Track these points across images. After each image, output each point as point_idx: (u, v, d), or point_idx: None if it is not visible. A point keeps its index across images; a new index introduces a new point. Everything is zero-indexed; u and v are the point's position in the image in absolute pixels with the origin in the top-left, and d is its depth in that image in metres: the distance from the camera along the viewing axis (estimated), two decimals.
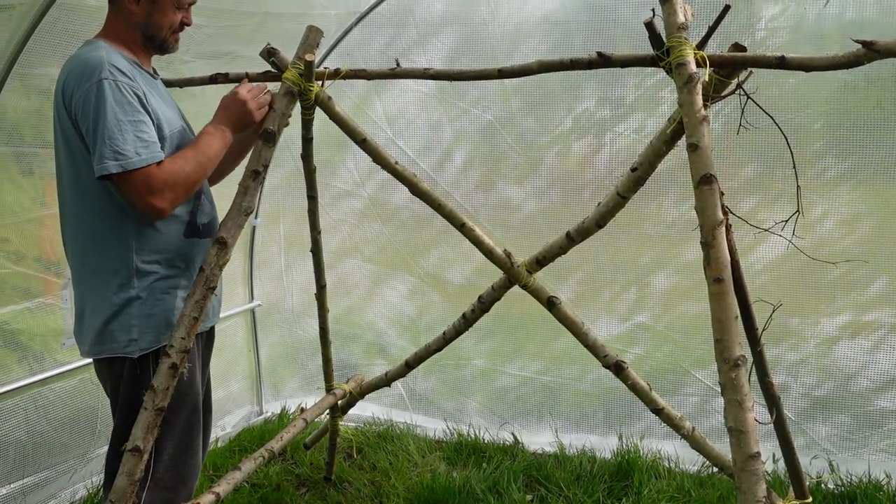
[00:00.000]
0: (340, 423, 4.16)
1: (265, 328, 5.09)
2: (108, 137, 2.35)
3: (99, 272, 2.57)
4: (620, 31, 4.07)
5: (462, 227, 3.01)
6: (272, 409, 5.14)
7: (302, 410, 4.24)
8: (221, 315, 4.53)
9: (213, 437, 4.54)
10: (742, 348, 2.18)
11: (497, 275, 3.17)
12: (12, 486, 3.56)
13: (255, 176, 2.71)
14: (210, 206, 2.82)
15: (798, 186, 2.41)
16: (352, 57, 4.32)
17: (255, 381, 5.10)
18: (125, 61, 2.53)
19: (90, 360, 3.20)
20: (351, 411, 4.21)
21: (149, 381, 2.54)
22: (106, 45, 2.53)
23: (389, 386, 3.79)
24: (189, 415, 2.73)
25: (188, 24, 2.74)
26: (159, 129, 2.53)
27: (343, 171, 4.68)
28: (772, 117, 2.36)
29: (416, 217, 4.65)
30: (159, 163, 2.43)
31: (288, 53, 2.82)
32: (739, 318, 2.32)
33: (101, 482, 3.81)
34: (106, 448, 3.72)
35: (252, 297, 4.97)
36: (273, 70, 2.87)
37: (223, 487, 2.91)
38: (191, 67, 3.55)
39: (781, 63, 2.26)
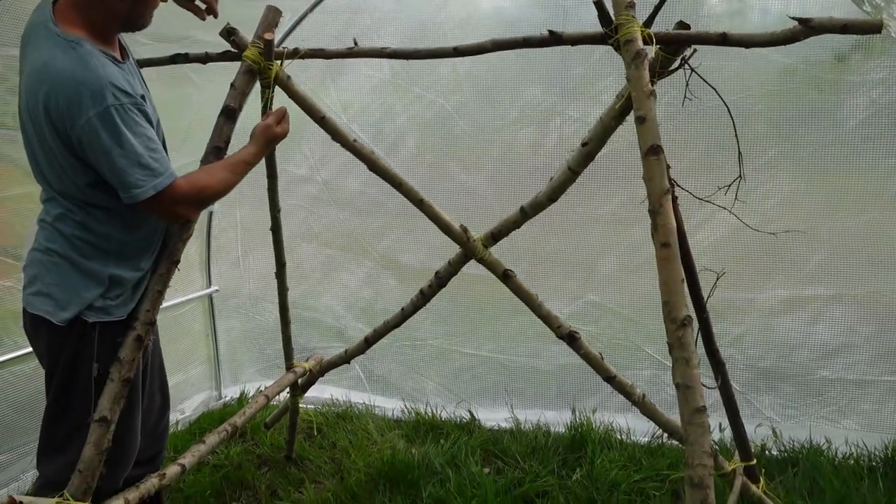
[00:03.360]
0: (300, 404, 4.23)
1: (223, 314, 5.12)
2: (128, 165, 2.39)
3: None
4: (570, 26, 4.17)
5: (420, 204, 3.11)
6: (231, 393, 5.18)
7: (259, 392, 4.30)
8: (180, 300, 4.63)
9: (172, 420, 4.58)
10: (688, 310, 2.29)
11: (449, 256, 3.29)
12: None
13: (217, 153, 2.77)
14: None
15: (739, 153, 2.54)
16: (306, 44, 4.35)
17: (213, 365, 5.13)
18: (112, 66, 2.46)
19: None
20: (310, 393, 4.28)
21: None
22: (90, 46, 2.41)
23: (349, 363, 3.87)
24: (129, 393, 2.74)
25: (165, 1, 2.72)
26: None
27: (298, 156, 4.74)
28: (715, 89, 2.49)
29: (370, 202, 4.73)
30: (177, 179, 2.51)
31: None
32: (685, 281, 2.44)
33: None
34: None
35: (210, 283, 5.00)
36: (232, 49, 2.93)
37: (188, 459, 2.97)
38: (147, 49, 3.58)
39: (723, 40, 2.37)
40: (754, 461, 3.42)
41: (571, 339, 3.18)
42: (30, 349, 3.61)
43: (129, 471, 2.84)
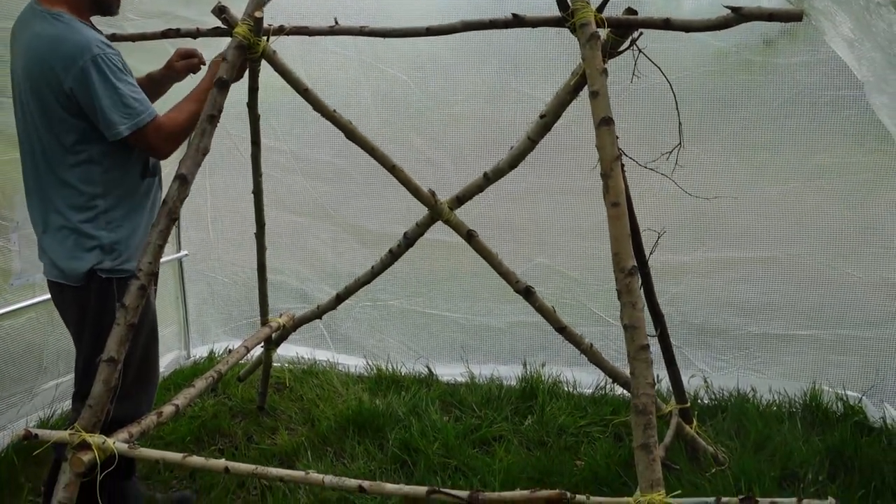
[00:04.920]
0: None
1: (192, 277, 5.38)
2: (112, 105, 2.76)
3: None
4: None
5: (392, 169, 3.40)
6: (200, 353, 5.45)
7: (230, 353, 4.56)
8: None
9: None
10: (634, 260, 2.64)
11: (411, 221, 3.63)
12: None
13: (211, 120, 3.01)
14: None
15: (680, 124, 2.89)
16: (275, 21, 4.62)
17: (182, 327, 5.39)
18: (93, 31, 2.87)
19: (37, 299, 3.83)
20: (276, 351, 4.56)
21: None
22: (70, 16, 2.82)
23: (321, 318, 4.18)
24: (148, 333, 3.09)
25: None
26: None
27: (267, 128, 4.95)
28: (659, 68, 2.83)
29: (336, 171, 5.03)
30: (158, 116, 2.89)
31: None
32: (630, 236, 2.79)
33: (47, 415, 4.10)
34: (51, 384, 4.03)
35: (180, 248, 5.24)
36: (223, 26, 3.19)
37: (181, 400, 3.23)
38: (135, 25, 3.81)
39: (667, 25, 2.71)
40: (688, 403, 3.83)
41: (528, 293, 3.52)
42: (20, 304, 3.88)
43: (154, 398, 3.22)
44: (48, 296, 3.23)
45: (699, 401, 4.50)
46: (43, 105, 2.82)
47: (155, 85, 3.35)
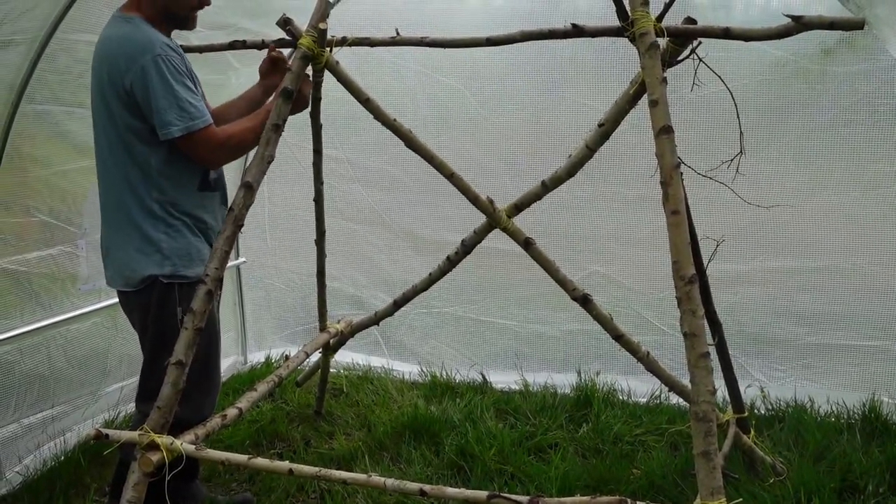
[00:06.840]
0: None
1: (250, 283, 5.49)
2: (168, 106, 2.81)
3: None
4: (561, 14, 4.51)
5: (451, 177, 3.45)
6: (256, 358, 5.56)
7: (286, 358, 4.63)
8: None
9: None
10: (693, 268, 2.64)
11: (466, 229, 3.67)
12: (36, 416, 3.91)
13: (276, 129, 3.09)
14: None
15: (741, 133, 2.89)
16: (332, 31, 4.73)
17: (240, 333, 5.49)
18: (163, 36, 2.95)
19: (103, 304, 3.84)
20: (332, 358, 4.63)
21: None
22: (140, 20, 2.92)
23: (378, 325, 4.23)
24: (210, 338, 3.16)
25: (208, 4, 3.12)
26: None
27: (323, 136, 5.08)
28: (720, 77, 2.84)
29: (391, 179, 5.11)
30: (212, 125, 2.93)
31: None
32: (690, 244, 2.79)
33: (111, 417, 4.20)
34: (115, 387, 4.13)
35: (238, 255, 5.35)
36: (287, 37, 3.26)
37: (244, 404, 3.31)
38: (200, 36, 3.90)
39: (726, 34, 2.72)
40: (746, 413, 3.80)
41: (585, 300, 3.53)
42: (86, 309, 4.00)
43: (216, 401, 3.29)
44: (113, 300, 3.33)
45: (756, 411, 4.47)
46: (108, 104, 2.92)
47: (253, 104, 3.41)
